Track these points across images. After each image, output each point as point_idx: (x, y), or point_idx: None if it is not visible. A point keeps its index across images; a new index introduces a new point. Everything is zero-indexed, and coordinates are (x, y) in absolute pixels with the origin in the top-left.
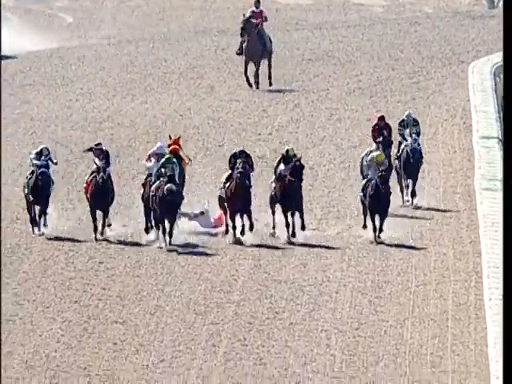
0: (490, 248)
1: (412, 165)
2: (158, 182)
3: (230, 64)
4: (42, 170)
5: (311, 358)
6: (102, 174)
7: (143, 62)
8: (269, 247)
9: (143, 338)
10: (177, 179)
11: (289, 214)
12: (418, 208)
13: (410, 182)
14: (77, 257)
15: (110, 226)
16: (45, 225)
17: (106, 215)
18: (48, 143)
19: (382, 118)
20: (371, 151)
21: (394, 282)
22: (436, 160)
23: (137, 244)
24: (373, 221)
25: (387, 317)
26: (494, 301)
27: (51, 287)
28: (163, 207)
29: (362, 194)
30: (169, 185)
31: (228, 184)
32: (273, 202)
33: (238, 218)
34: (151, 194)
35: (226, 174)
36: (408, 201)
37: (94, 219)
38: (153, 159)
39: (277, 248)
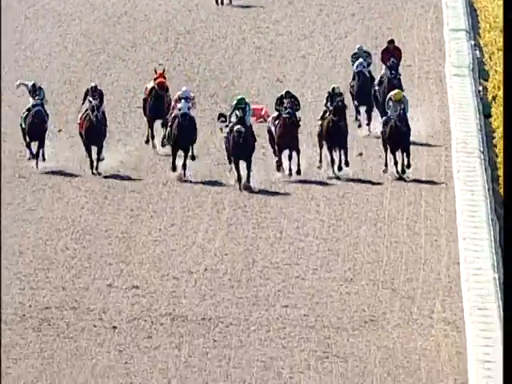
0: (458, 126)
1: (363, 89)
2: (230, 124)
3: None
4: (37, 108)
5: (303, 222)
6: (95, 112)
7: None
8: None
9: (157, 206)
10: (247, 120)
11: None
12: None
13: (363, 108)
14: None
15: (102, 159)
16: (43, 159)
17: (99, 151)
18: (73, 35)
19: (391, 42)
20: (382, 76)
21: (375, 155)
22: (411, 50)
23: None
24: (394, 156)
25: (369, 187)
26: (462, 173)
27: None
28: (235, 149)
29: (382, 130)
30: (238, 126)
31: (277, 122)
32: (320, 138)
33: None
34: (224, 135)
35: (275, 113)
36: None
37: (90, 155)
38: (182, 101)
39: None
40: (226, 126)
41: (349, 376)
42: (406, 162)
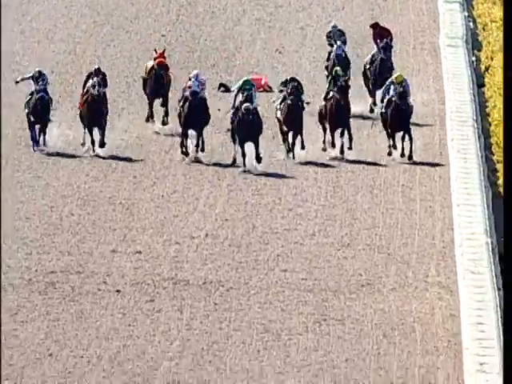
0: (452, 96)
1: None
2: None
3: None
4: (40, 94)
5: (301, 189)
6: (97, 89)
7: None
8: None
9: (159, 173)
10: (254, 99)
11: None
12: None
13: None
14: None
15: (104, 145)
16: (44, 144)
17: (102, 131)
18: (77, 7)
19: (375, 25)
20: (374, 55)
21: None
22: (406, 21)
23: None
24: (393, 137)
25: (365, 155)
26: (455, 141)
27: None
28: (242, 127)
29: (383, 111)
30: (246, 104)
31: (281, 106)
32: (321, 119)
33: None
34: (231, 115)
35: (281, 98)
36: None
37: (91, 135)
38: (193, 79)
39: None
40: (232, 107)
41: (346, 338)
42: (409, 146)
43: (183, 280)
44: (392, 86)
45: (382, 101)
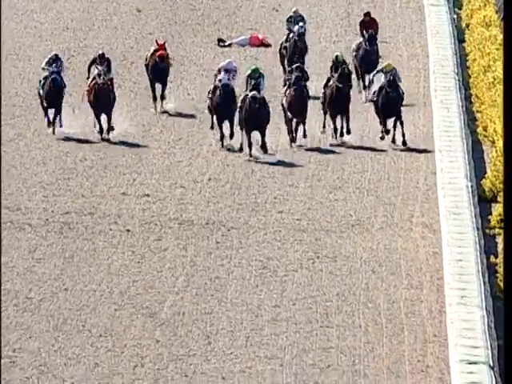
0: (435, 50)
1: (298, 51)
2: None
3: None
4: (54, 76)
5: (296, 136)
6: (102, 77)
7: None
8: None
9: (166, 121)
10: (262, 88)
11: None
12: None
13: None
14: None
15: (113, 129)
16: (60, 126)
17: (109, 117)
18: None
19: (367, 14)
20: (360, 43)
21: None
22: None
23: None
24: (385, 123)
25: (354, 107)
26: (438, 92)
27: None
28: (250, 115)
29: (375, 99)
30: (253, 92)
31: (287, 93)
32: (324, 105)
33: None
34: (239, 104)
35: (287, 84)
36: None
37: (99, 120)
38: (222, 73)
39: None
40: (244, 95)
41: (337, 274)
42: (401, 131)
43: (188, 220)
44: (382, 74)
45: (367, 87)
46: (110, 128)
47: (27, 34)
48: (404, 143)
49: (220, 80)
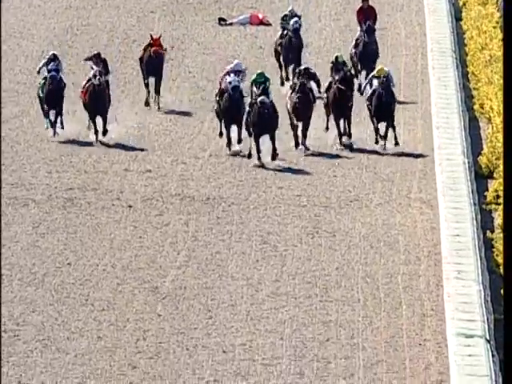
0: (433, 29)
1: (293, 46)
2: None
3: None
4: (52, 74)
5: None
6: (98, 78)
7: None
8: None
9: (167, 98)
10: (270, 92)
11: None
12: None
13: (291, 67)
14: None
15: (106, 132)
16: (62, 127)
17: (104, 120)
18: None
19: (365, 0)
20: (358, 39)
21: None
22: None
23: None
24: (377, 128)
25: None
26: (436, 69)
27: None
28: (258, 120)
29: (368, 103)
30: (262, 97)
31: (292, 96)
32: (327, 108)
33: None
34: (247, 109)
35: (291, 88)
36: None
37: (94, 122)
38: (232, 74)
39: None
40: (251, 99)
41: (336, 248)
42: (393, 134)
43: (189, 196)
44: (375, 79)
45: (361, 91)
46: (105, 131)
47: (31, 12)
48: (396, 144)
49: (230, 82)
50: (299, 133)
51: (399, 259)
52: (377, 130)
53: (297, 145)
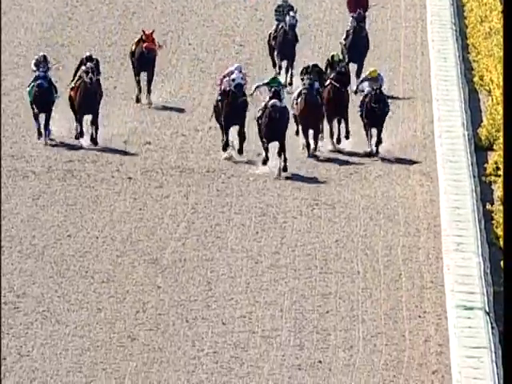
0: (432, 1)
1: (288, 42)
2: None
3: None
4: (39, 81)
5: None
6: (90, 76)
7: None
8: None
9: (167, 70)
10: (282, 96)
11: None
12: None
13: (285, 61)
14: None
15: (96, 140)
16: (49, 135)
17: (95, 120)
18: None
19: None
20: (348, 31)
21: None
22: None
23: None
24: (369, 134)
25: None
26: (436, 42)
27: None
28: (269, 125)
29: (359, 109)
30: (273, 101)
31: (298, 100)
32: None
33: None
34: (258, 114)
35: (298, 91)
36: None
37: (81, 124)
38: (236, 72)
39: None
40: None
41: (336, 221)
42: (376, 139)
43: (188, 168)
44: (367, 82)
45: (355, 92)
46: (96, 128)
47: None
48: (376, 151)
49: (233, 80)
50: (310, 140)
51: (399, 231)
52: (370, 135)
53: (309, 152)
